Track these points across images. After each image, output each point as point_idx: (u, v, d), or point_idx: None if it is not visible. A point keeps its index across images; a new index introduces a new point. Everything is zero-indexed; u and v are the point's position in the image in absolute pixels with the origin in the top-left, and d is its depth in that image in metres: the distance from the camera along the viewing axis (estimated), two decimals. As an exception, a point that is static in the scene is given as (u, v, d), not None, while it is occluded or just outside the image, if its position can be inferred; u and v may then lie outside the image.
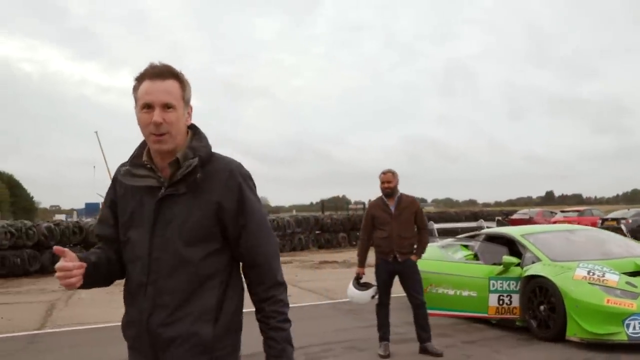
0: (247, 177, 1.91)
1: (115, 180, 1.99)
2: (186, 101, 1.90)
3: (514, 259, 7.00)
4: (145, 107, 1.84)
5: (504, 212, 34.87)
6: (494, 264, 7.24)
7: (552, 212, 29.82)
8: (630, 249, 7.35)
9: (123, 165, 1.96)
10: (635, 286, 6.10)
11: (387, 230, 6.03)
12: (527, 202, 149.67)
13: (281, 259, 2.01)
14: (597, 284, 6.13)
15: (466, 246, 8.52)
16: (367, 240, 6.23)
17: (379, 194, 6.20)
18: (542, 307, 6.47)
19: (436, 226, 9.87)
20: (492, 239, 7.99)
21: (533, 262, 6.89)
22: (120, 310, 2.00)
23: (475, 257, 7.86)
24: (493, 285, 6.99)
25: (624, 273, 6.38)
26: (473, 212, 33.55)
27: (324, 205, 38.87)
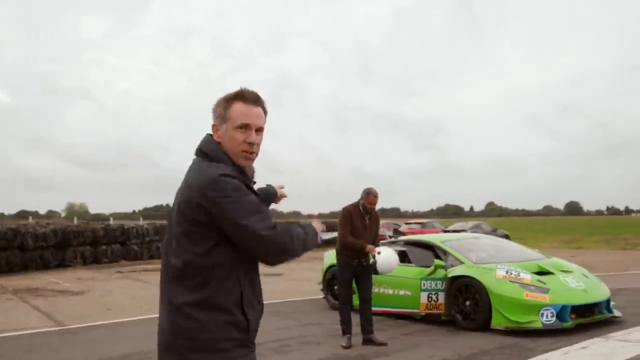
0: None
1: (243, 178, 2.17)
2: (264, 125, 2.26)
3: (442, 262, 8.30)
4: (242, 127, 2.15)
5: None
6: (422, 266, 8.51)
7: (395, 224, 32.68)
8: (526, 254, 9.05)
9: (224, 168, 2.13)
10: (544, 283, 7.67)
11: (359, 238, 7.03)
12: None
13: (147, 266, 2.52)
14: (515, 282, 7.60)
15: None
16: (350, 234, 7.11)
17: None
18: (467, 303, 7.82)
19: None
20: (413, 244, 9.26)
21: (453, 265, 8.22)
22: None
23: (402, 259, 9.05)
24: (424, 285, 8.24)
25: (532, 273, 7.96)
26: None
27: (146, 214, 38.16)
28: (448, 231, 27.90)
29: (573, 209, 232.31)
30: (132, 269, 18.23)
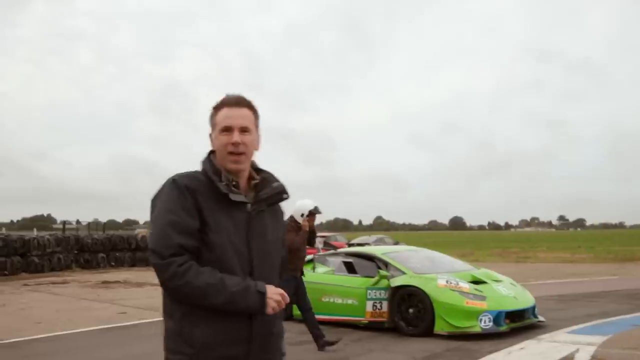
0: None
1: (190, 189, 2.10)
2: (257, 127, 2.25)
3: (387, 272, 8.90)
4: (225, 130, 2.15)
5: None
6: (366, 276, 9.08)
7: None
8: (458, 265, 9.87)
9: (193, 177, 2.14)
10: (481, 291, 8.46)
11: (302, 253, 7.64)
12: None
13: (54, 279, 2.60)
14: (456, 290, 8.33)
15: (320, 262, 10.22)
16: None
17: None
18: (410, 310, 8.46)
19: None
20: (355, 256, 9.81)
21: (394, 276, 8.85)
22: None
23: (348, 270, 9.56)
24: (369, 294, 8.80)
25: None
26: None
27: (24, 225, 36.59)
28: (352, 244, 28.93)
29: (457, 223, 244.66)
30: (37, 281, 17.55)
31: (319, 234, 33.26)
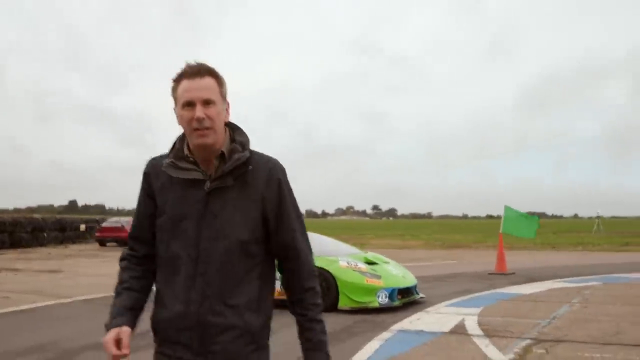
0: (285, 172, 2.05)
1: (148, 174, 2.07)
2: (223, 97, 2.02)
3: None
4: (187, 104, 1.94)
5: (96, 220, 36.33)
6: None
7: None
8: (350, 249, 11.07)
9: (161, 158, 2.05)
10: (375, 271, 9.70)
11: None
12: (49, 210, 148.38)
13: None
14: (356, 270, 9.48)
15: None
16: None
17: None
18: (315, 289, 9.45)
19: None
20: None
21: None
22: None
23: None
24: (278, 275, 9.62)
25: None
26: (58, 218, 34.01)
27: None
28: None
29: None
30: None
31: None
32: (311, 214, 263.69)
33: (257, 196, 1.97)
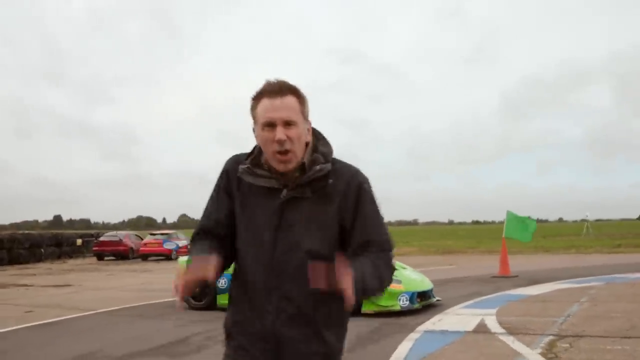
0: (366, 181, 1.99)
1: (227, 172, 2.04)
2: (305, 117, 1.95)
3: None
4: (267, 125, 1.88)
5: (92, 234, 36.60)
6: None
7: (137, 235, 33.30)
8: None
9: (239, 161, 2.02)
10: (396, 276, 10.16)
11: None
12: (33, 225, 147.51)
13: None
14: (377, 276, 9.99)
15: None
16: None
17: None
18: (338, 295, 9.94)
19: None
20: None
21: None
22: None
23: None
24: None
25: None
26: (54, 234, 34.25)
27: None
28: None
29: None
30: None
31: (160, 231, 33.45)
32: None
33: (334, 207, 1.93)
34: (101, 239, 31.77)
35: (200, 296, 11.00)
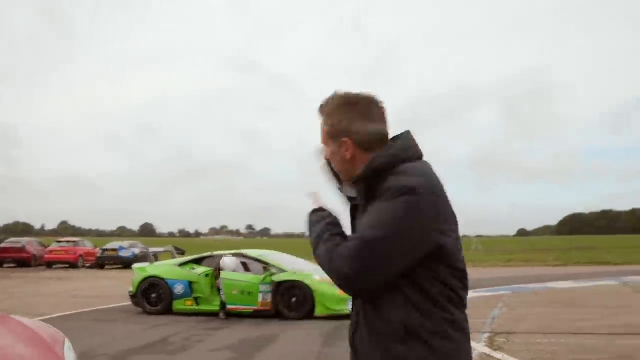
0: (399, 191, 1.72)
1: None
2: (332, 136, 1.89)
3: (272, 271, 11.39)
4: None
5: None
6: (256, 274, 11.48)
7: (40, 242, 32.69)
8: (308, 263, 12.81)
9: None
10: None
11: None
12: None
13: None
14: (328, 282, 11.23)
15: (195, 263, 12.29)
16: None
17: None
18: (293, 300, 11.11)
19: (151, 250, 13.16)
20: (244, 257, 12.07)
21: (275, 273, 11.41)
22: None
23: (217, 271, 11.75)
24: (261, 288, 11.20)
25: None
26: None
27: None
28: (107, 250, 29.82)
29: (147, 230, 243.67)
30: None
31: (66, 239, 32.96)
32: (184, 233, 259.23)
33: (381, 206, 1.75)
34: (2, 245, 30.90)
35: (156, 302, 11.83)
